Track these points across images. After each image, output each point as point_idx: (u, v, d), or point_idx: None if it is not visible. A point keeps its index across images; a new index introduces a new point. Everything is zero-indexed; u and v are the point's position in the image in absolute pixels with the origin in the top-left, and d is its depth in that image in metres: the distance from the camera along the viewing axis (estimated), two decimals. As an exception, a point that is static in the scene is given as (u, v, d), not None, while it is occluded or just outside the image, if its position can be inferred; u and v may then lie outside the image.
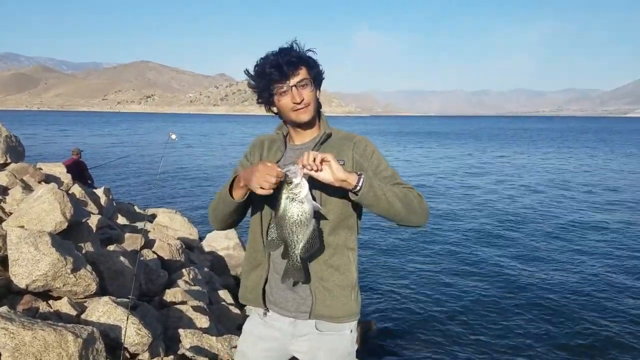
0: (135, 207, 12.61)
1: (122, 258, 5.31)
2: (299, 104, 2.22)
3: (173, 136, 5.66)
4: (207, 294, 6.43)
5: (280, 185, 2.00)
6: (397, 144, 59.19)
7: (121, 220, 9.79)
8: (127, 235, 7.07)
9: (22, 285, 4.15)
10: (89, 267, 4.52)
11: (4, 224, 5.41)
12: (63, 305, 4.12)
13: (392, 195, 2.10)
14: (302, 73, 2.21)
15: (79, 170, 12.98)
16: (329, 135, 2.37)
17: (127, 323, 3.89)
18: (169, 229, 9.52)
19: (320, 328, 2.34)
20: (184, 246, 7.70)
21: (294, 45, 2.24)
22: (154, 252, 6.92)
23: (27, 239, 4.21)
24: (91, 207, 8.90)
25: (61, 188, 8.92)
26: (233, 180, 2.23)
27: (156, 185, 21.75)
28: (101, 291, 4.90)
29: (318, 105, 2.37)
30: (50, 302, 4.20)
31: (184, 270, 6.72)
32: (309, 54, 2.27)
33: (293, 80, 2.19)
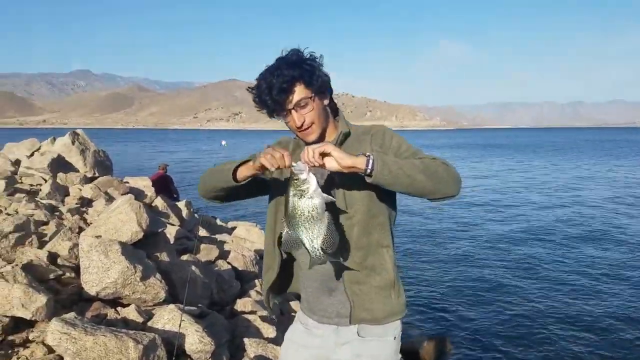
0: (217, 220, 12.87)
1: (193, 268, 5.36)
2: (300, 127, 2.13)
3: (223, 142, 5.95)
4: (279, 305, 6.40)
5: (289, 183, 1.95)
6: (481, 158, 57.64)
7: (202, 232, 9.98)
8: (202, 246, 7.18)
9: (93, 293, 4.25)
10: (158, 275, 4.59)
11: (82, 233, 5.61)
12: (130, 312, 4.18)
13: (410, 167, 1.95)
14: (299, 92, 2.08)
15: (164, 184, 13.39)
16: (347, 135, 2.24)
17: (178, 327, 3.89)
18: (246, 240, 9.62)
19: (362, 334, 2.22)
20: (258, 257, 7.74)
21: (289, 56, 2.11)
22: (228, 263, 6.98)
23: (97, 247, 4.32)
24: (173, 219, 9.12)
25: (144, 200, 9.25)
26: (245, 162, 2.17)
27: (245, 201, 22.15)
28: (172, 299, 4.97)
29: (331, 112, 2.27)
30: (119, 309, 4.28)
31: (256, 280, 6.73)
32: (308, 63, 2.10)
33: (290, 105, 2.09)
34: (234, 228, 11.90)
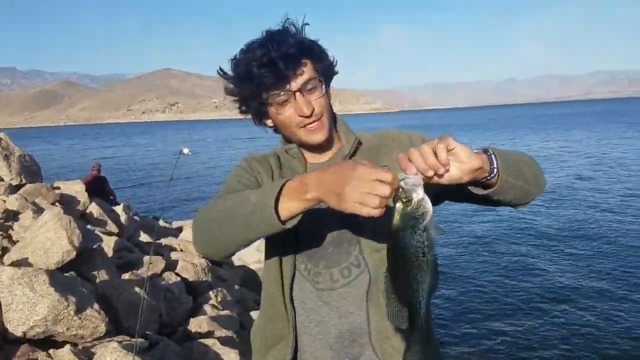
0: (160, 222, 12.11)
1: (137, 289, 4.71)
2: (308, 116, 1.49)
3: (185, 150, 5.10)
4: (238, 318, 5.81)
5: (394, 210, 1.19)
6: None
7: (144, 237, 9.25)
8: (146, 258, 6.49)
9: (19, 333, 3.56)
10: (96, 305, 3.93)
11: (6, 256, 4.87)
12: (65, 355, 3.52)
13: (518, 160, 1.38)
14: (308, 70, 1.47)
15: (99, 186, 12.49)
16: (360, 143, 1.64)
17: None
18: (195, 244, 8.94)
19: None
20: (210, 264, 7.11)
21: (289, 26, 1.52)
22: (177, 275, 6.35)
23: (21, 280, 3.63)
24: (110, 226, 8.40)
25: (78, 208, 8.46)
26: (282, 187, 1.29)
27: (174, 193, 21.10)
28: (115, 328, 4.34)
29: (331, 110, 1.64)
30: (51, 351, 3.61)
31: (211, 292, 6.13)
32: (312, 40, 1.54)
33: (295, 83, 1.45)
34: (179, 229, 11.22)
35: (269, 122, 1.60)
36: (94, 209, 8.49)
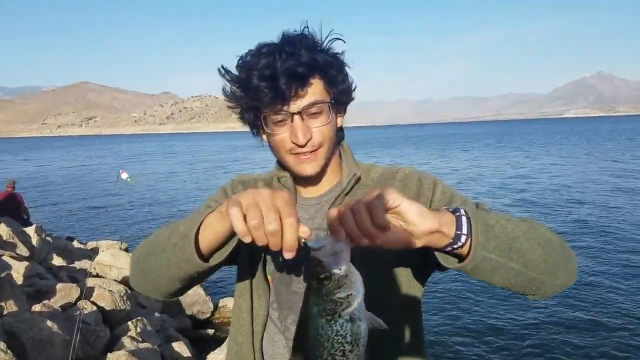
0: (75, 243, 11.53)
1: (49, 322, 4.34)
2: (302, 146, 1.26)
3: (124, 175, 4.75)
4: (159, 350, 5.49)
5: (309, 285, 0.92)
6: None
7: (57, 260, 8.72)
8: (59, 286, 6.07)
9: None
10: (2, 344, 3.57)
11: None
12: (-36, 405, 3.17)
13: (522, 233, 1.05)
14: (315, 92, 1.24)
15: (13, 204, 11.76)
16: (359, 179, 1.38)
17: None
18: (112, 268, 8.47)
19: None
20: (129, 290, 6.73)
21: (308, 33, 1.28)
22: (93, 303, 5.95)
23: None
24: (21, 249, 7.86)
25: (-16, 230, 7.86)
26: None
27: (104, 213, 20.26)
28: (23, 368, 3.97)
29: (339, 138, 1.42)
30: (-53, 400, 3.24)
31: (129, 323, 5.78)
32: (332, 54, 1.30)
33: (296, 105, 1.23)
34: (94, 250, 10.68)
35: (265, 138, 1.38)
36: (3, 230, 7.92)
